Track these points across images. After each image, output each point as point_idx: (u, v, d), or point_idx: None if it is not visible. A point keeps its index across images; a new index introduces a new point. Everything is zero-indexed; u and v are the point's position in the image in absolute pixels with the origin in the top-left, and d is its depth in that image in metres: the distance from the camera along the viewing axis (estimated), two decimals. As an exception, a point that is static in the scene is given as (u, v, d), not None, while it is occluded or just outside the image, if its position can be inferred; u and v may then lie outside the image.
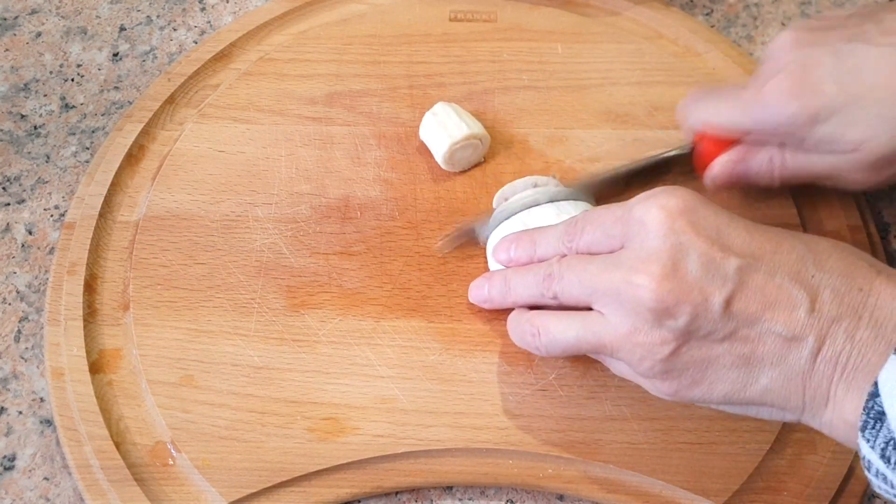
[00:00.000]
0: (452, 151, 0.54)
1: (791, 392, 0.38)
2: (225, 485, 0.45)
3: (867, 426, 0.36)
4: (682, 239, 0.39)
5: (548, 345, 0.43)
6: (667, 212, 0.40)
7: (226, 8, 0.66)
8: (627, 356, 0.40)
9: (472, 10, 0.63)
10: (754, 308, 0.38)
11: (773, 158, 0.49)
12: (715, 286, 0.38)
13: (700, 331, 0.39)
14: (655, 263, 0.39)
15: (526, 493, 0.47)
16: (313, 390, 0.48)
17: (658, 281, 0.38)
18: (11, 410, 0.49)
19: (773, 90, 0.47)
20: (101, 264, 0.53)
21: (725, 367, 0.39)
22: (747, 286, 0.38)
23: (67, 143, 0.59)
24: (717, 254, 0.39)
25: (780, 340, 0.38)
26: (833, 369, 0.37)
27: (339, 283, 0.51)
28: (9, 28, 0.65)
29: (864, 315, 0.37)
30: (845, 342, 0.37)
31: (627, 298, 0.39)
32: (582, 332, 0.42)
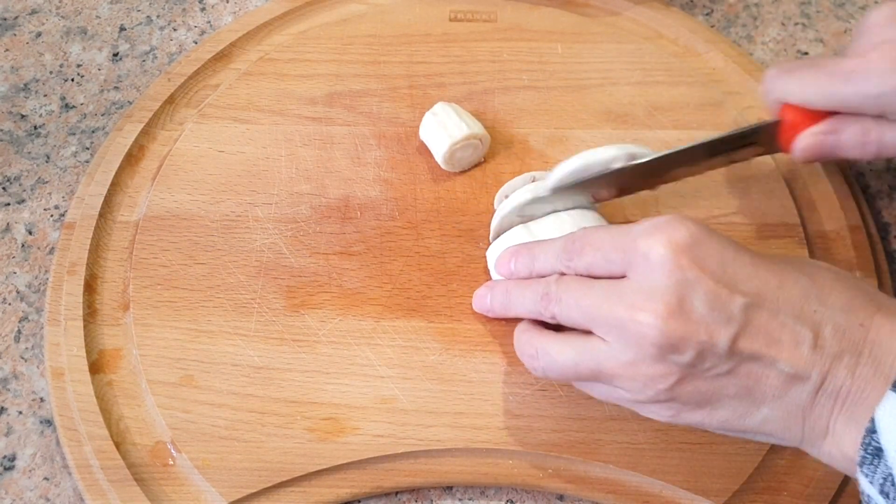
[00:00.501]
0: (452, 151, 0.54)
1: (790, 424, 0.39)
2: (225, 485, 0.45)
3: (865, 462, 0.36)
4: (687, 276, 0.38)
5: (545, 367, 0.43)
6: (672, 247, 0.39)
7: (226, 8, 0.66)
8: (628, 384, 0.40)
9: (472, 10, 0.63)
10: (759, 346, 0.38)
11: (870, 131, 0.47)
12: (721, 325, 0.38)
13: (704, 365, 0.38)
14: (660, 301, 0.38)
15: (526, 493, 0.47)
16: (313, 390, 0.48)
17: (663, 319, 0.38)
18: (11, 410, 0.49)
19: (876, 59, 0.45)
20: (101, 264, 0.53)
21: (727, 397, 0.39)
22: (752, 325, 0.38)
23: (67, 143, 0.59)
24: (723, 292, 0.38)
25: (783, 376, 0.38)
26: (833, 403, 0.38)
27: (339, 283, 0.51)
28: (9, 28, 0.65)
29: (865, 351, 0.37)
30: (846, 378, 0.37)
31: (631, 333, 0.39)
32: (581, 357, 0.41)
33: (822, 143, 0.48)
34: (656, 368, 0.39)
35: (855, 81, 0.46)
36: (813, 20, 0.66)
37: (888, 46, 0.46)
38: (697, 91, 0.59)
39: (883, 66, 0.45)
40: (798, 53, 0.64)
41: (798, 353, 0.38)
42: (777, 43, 0.65)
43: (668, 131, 0.57)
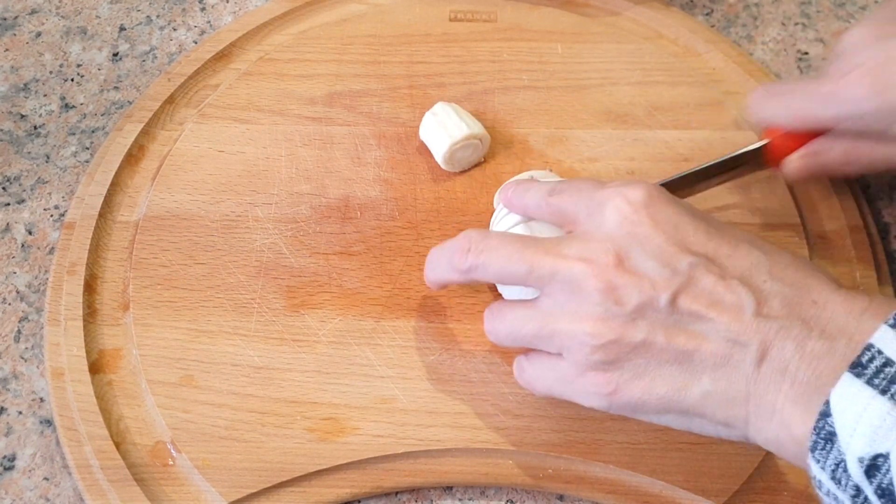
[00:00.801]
0: (452, 151, 0.54)
1: (733, 399, 0.37)
2: (225, 485, 0.45)
3: (817, 446, 0.34)
4: (638, 229, 0.39)
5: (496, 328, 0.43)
6: (628, 202, 0.40)
7: (226, 8, 0.66)
8: (568, 341, 0.40)
9: (472, 10, 0.63)
10: (700, 306, 0.38)
11: (854, 150, 0.48)
12: (665, 279, 0.38)
13: (643, 320, 0.38)
14: (610, 250, 0.39)
15: (526, 493, 0.47)
16: (313, 390, 0.48)
17: (610, 267, 0.38)
18: (11, 410, 0.49)
19: (853, 84, 0.46)
20: (101, 264, 0.53)
21: (667, 363, 0.38)
22: (696, 283, 0.38)
23: (67, 143, 0.59)
24: (672, 249, 0.39)
25: (722, 341, 0.37)
26: (781, 378, 0.36)
27: (339, 283, 0.51)
28: (9, 28, 0.65)
29: (816, 327, 0.36)
30: (794, 351, 0.36)
31: (576, 281, 0.39)
32: (527, 313, 0.41)
33: (808, 165, 0.49)
34: (596, 321, 0.39)
35: (834, 105, 0.47)
36: (813, 20, 0.66)
37: (865, 68, 0.46)
38: (697, 91, 0.59)
39: (861, 90, 0.46)
40: (798, 53, 0.64)
41: (739, 317, 0.37)
42: (777, 43, 0.65)
43: (668, 131, 0.57)
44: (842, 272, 0.53)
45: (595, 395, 0.40)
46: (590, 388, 0.40)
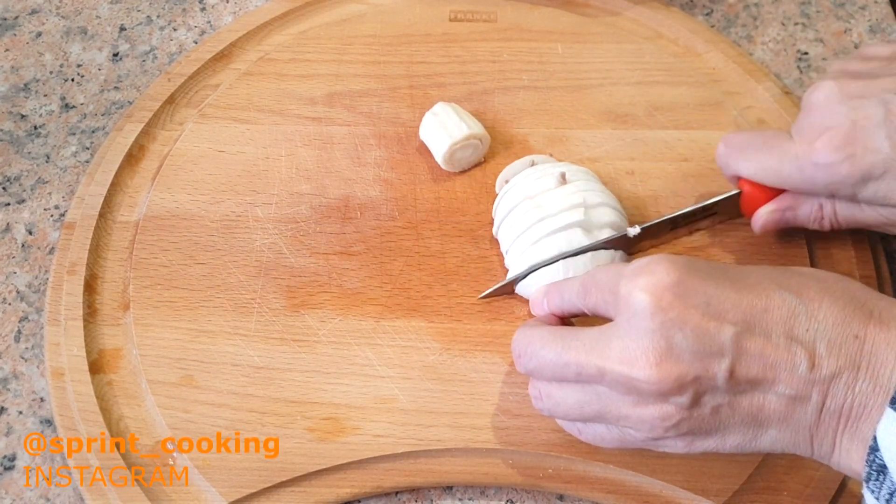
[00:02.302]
0: (452, 151, 0.54)
1: (799, 443, 0.39)
2: (225, 485, 0.45)
3: (871, 478, 0.36)
4: (670, 316, 0.38)
5: (550, 408, 0.43)
6: (652, 290, 0.38)
7: (226, 8, 0.66)
8: (635, 424, 0.40)
9: (472, 10, 0.63)
10: (756, 372, 0.38)
11: (824, 207, 0.49)
12: (715, 359, 0.38)
13: (706, 398, 0.38)
14: (649, 347, 0.38)
15: (526, 493, 0.47)
16: (313, 390, 0.48)
17: (656, 366, 0.38)
18: (11, 410, 0.49)
19: (823, 149, 0.46)
20: (101, 264, 0.53)
21: (735, 424, 0.39)
22: (746, 352, 0.38)
23: (67, 143, 0.59)
24: (711, 325, 0.38)
25: (784, 400, 0.38)
26: (837, 422, 0.38)
27: (339, 283, 0.51)
28: (9, 28, 0.65)
29: (862, 365, 0.37)
30: (846, 394, 0.37)
31: (627, 384, 0.39)
32: (585, 398, 0.41)
33: (778, 219, 0.50)
34: (661, 410, 0.39)
35: (804, 170, 0.47)
36: (813, 20, 0.66)
37: (833, 133, 0.46)
38: (697, 91, 0.59)
39: (828, 157, 0.46)
40: (798, 53, 0.64)
41: (796, 375, 0.38)
42: (777, 43, 0.65)
43: (668, 131, 0.57)
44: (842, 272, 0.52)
45: (670, 449, 0.41)
46: (665, 446, 0.41)
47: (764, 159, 0.49)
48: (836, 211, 0.49)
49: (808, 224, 0.50)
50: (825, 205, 0.49)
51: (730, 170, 0.50)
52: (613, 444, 0.42)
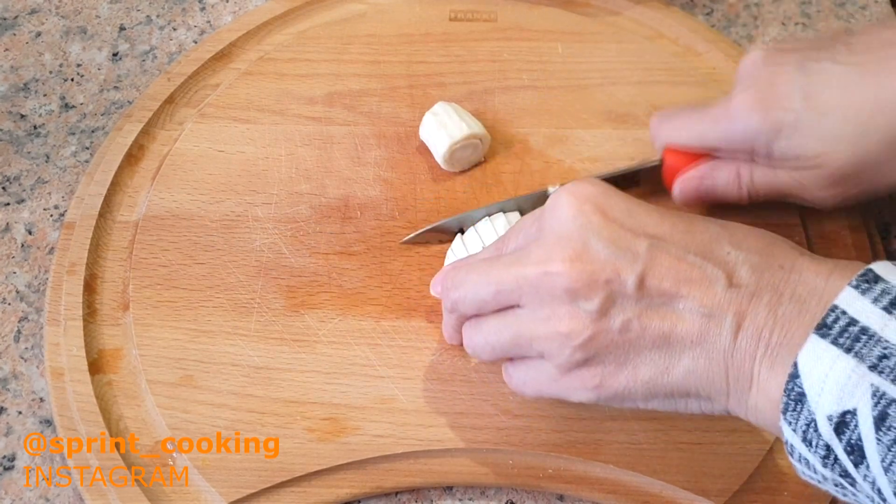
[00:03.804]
0: (452, 151, 0.54)
1: (714, 373, 0.38)
2: (225, 485, 0.45)
3: (788, 408, 0.35)
4: (591, 219, 0.39)
5: (474, 345, 0.43)
6: (576, 196, 0.40)
7: (226, 7, 0.66)
8: (547, 345, 0.40)
9: (472, 10, 0.63)
10: (668, 285, 0.38)
11: (741, 173, 0.49)
12: (626, 263, 0.38)
13: (615, 309, 0.38)
14: (567, 247, 0.39)
15: (526, 493, 0.47)
16: (313, 390, 0.48)
17: (570, 262, 0.38)
18: (11, 410, 0.49)
19: (739, 104, 0.47)
20: (100, 264, 0.53)
21: (646, 349, 0.39)
22: (659, 263, 0.38)
23: (67, 143, 0.59)
24: (627, 234, 0.39)
25: (698, 318, 0.38)
26: (756, 346, 0.37)
27: (339, 283, 0.51)
28: (9, 28, 0.65)
29: (786, 291, 0.37)
30: (767, 317, 0.37)
31: (542, 286, 0.39)
32: (501, 324, 0.41)
33: (698, 186, 0.50)
34: (570, 321, 0.39)
35: (722, 124, 0.48)
36: (813, 20, 0.66)
37: (751, 90, 0.47)
38: (698, 91, 0.59)
39: (745, 106, 0.47)
40: (798, 53, 0.64)
41: (711, 292, 0.37)
42: (777, 42, 0.65)
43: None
44: (842, 272, 0.53)
45: (582, 389, 0.41)
46: (576, 384, 0.40)
47: (686, 121, 0.50)
48: (753, 178, 0.49)
49: (726, 191, 0.50)
50: (743, 171, 0.49)
51: (658, 140, 0.51)
52: (537, 386, 0.42)
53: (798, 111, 0.46)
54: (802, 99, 0.46)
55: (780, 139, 0.47)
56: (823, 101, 0.46)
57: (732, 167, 0.50)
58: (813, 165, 0.47)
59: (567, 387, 0.41)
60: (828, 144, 0.46)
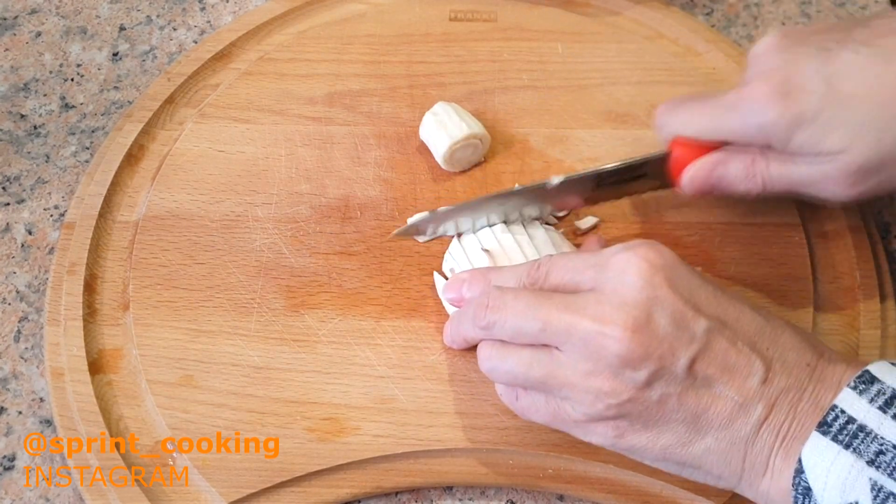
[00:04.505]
0: (452, 151, 0.54)
1: (731, 457, 0.39)
2: (225, 485, 0.45)
3: (797, 501, 0.37)
4: (658, 293, 0.39)
5: (495, 367, 0.43)
6: (648, 264, 0.40)
7: (226, 8, 0.66)
8: (579, 396, 0.40)
9: (472, 10, 0.63)
10: (714, 370, 0.39)
11: (756, 163, 0.47)
12: (683, 344, 0.39)
13: (659, 383, 0.39)
14: (630, 314, 0.39)
15: (526, 493, 0.47)
16: (313, 390, 0.48)
17: (631, 332, 0.38)
18: (11, 410, 0.49)
19: (755, 93, 0.45)
20: (100, 264, 0.53)
21: (675, 421, 0.39)
22: (712, 348, 0.39)
23: (67, 143, 0.59)
24: (690, 312, 0.39)
25: (731, 405, 0.39)
26: (774, 438, 0.39)
27: (339, 283, 0.51)
28: (9, 28, 0.65)
29: (808, 388, 0.39)
30: (787, 412, 0.39)
31: (594, 345, 0.39)
32: (533, 360, 0.41)
33: (708, 174, 0.48)
34: (611, 383, 0.39)
35: (737, 112, 0.46)
36: (813, 20, 0.66)
37: (767, 76, 0.45)
38: (698, 91, 0.59)
39: (762, 96, 0.44)
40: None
41: (748, 384, 0.39)
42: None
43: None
44: (842, 272, 0.53)
45: (598, 437, 0.41)
46: (595, 432, 0.41)
47: (699, 110, 0.48)
48: (768, 167, 0.47)
49: (738, 182, 0.48)
50: (758, 161, 0.47)
51: (665, 127, 0.49)
52: (544, 419, 0.43)
53: (819, 101, 0.43)
54: (824, 88, 0.43)
55: (799, 131, 0.44)
56: (846, 91, 0.43)
57: (747, 157, 0.47)
58: (830, 157, 0.44)
59: (584, 430, 0.42)
60: (851, 136, 0.44)
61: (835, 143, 0.44)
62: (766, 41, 0.47)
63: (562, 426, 0.42)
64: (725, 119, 0.47)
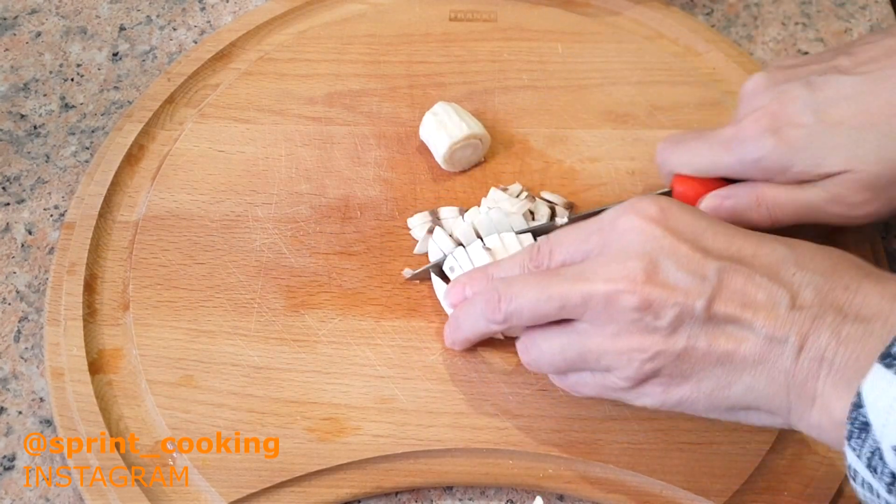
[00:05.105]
0: (452, 151, 0.54)
1: (774, 391, 0.38)
2: (225, 485, 0.45)
3: (853, 435, 0.35)
4: (661, 243, 0.39)
5: (536, 358, 0.44)
6: (644, 217, 0.40)
7: (226, 7, 0.66)
8: (614, 360, 0.40)
9: (472, 10, 0.63)
10: (734, 309, 0.38)
11: (763, 194, 0.48)
12: (696, 288, 0.39)
13: (683, 328, 0.39)
14: (636, 267, 0.39)
15: (526, 493, 0.47)
16: (313, 390, 0.48)
17: (640, 283, 0.39)
18: (11, 410, 0.49)
19: (747, 131, 0.47)
20: (100, 264, 0.53)
21: (710, 365, 0.39)
22: (727, 287, 0.39)
23: (67, 143, 0.59)
24: (697, 256, 0.39)
25: (760, 339, 0.38)
26: (819, 367, 0.37)
27: (339, 283, 0.51)
28: (9, 28, 0.65)
29: (850, 312, 0.37)
30: (830, 338, 0.37)
31: (611, 304, 0.39)
32: (566, 340, 0.42)
33: (719, 206, 0.49)
34: (638, 338, 0.39)
35: (733, 150, 0.47)
36: (813, 20, 0.66)
37: (760, 113, 0.47)
38: (698, 91, 0.59)
39: (754, 133, 0.47)
40: (799, 53, 0.64)
41: (774, 314, 0.38)
42: (777, 42, 0.65)
43: (668, 131, 0.57)
44: (842, 272, 0.53)
45: (646, 396, 0.41)
46: (642, 392, 0.41)
47: (696, 147, 0.49)
48: (775, 196, 0.48)
49: (749, 213, 0.49)
50: (764, 192, 0.48)
51: (666, 165, 0.50)
52: (595, 392, 0.43)
53: (810, 130, 0.45)
54: (813, 114, 0.45)
55: (796, 159, 0.46)
56: (835, 117, 0.45)
57: (753, 189, 0.48)
58: (840, 178, 0.46)
59: (631, 397, 0.42)
60: (850, 156, 0.45)
61: (835, 164, 0.45)
62: (755, 79, 0.49)
63: (613, 395, 0.43)
64: (722, 156, 0.48)
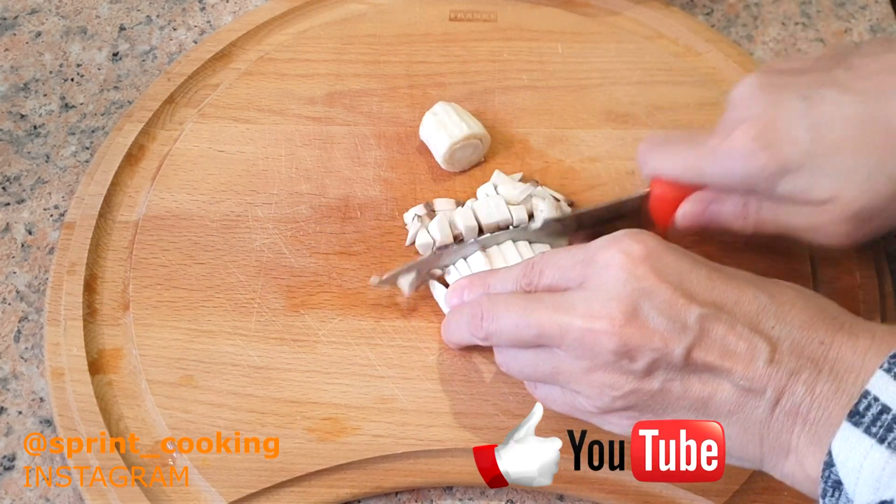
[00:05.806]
0: (452, 151, 0.54)
1: (747, 442, 0.38)
2: (225, 485, 0.45)
3: (826, 493, 0.35)
4: (643, 284, 0.39)
5: (507, 361, 0.44)
6: (629, 257, 0.39)
7: (226, 7, 0.66)
8: (586, 390, 0.40)
9: (472, 10, 0.63)
10: (713, 357, 0.38)
11: (749, 204, 0.46)
12: (676, 335, 0.38)
13: (659, 372, 0.38)
14: (616, 309, 0.38)
15: (526, 493, 0.47)
16: (313, 390, 0.48)
17: (619, 326, 0.38)
18: (11, 410, 0.49)
19: (740, 139, 0.44)
20: (100, 264, 0.53)
21: (683, 408, 0.39)
22: (708, 336, 0.38)
23: (67, 143, 0.59)
24: (680, 301, 0.38)
25: (737, 390, 0.38)
26: (794, 421, 0.37)
27: (339, 282, 0.51)
28: (9, 28, 0.65)
29: (825, 368, 0.37)
30: (804, 395, 0.37)
31: (587, 342, 0.39)
32: (539, 358, 0.42)
33: (703, 211, 0.47)
34: (611, 376, 0.39)
35: (720, 161, 0.45)
36: (813, 20, 0.66)
37: (750, 124, 0.44)
38: (698, 91, 0.59)
39: (745, 146, 0.44)
40: (799, 53, 0.64)
41: (753, 367, 0.37)
42: (777, 42, 0.65)
43: (668, 131, 0.57)
44: (842, 272, 0.53)
45: (614, 426, 0.41)
46: (610, 422, 0.41)
47: (682, 152, 0.47)
48: (759, 208, 0.46)
49: (732, 221, 0.47)
50: (750, 202, 0.46)
51: (647, 166, 0.49)
52: (563, 409, 0.43)
53: (804, 151, 0.43)
54: (808, 137, 0.43)
55: (783, 181, 0.44)
56: (831, 139, 0.43)
57: (739, 197, 0.47)
58: (824, 207, 0.44)
59: (600, 420, 0.42)
60: (839, 184, 0.43)
61: (823, 191, 0.43)
62: (747, 83, 0.46)
63: (579, 416, 0.42)
64: (708, 165, 0.46)
